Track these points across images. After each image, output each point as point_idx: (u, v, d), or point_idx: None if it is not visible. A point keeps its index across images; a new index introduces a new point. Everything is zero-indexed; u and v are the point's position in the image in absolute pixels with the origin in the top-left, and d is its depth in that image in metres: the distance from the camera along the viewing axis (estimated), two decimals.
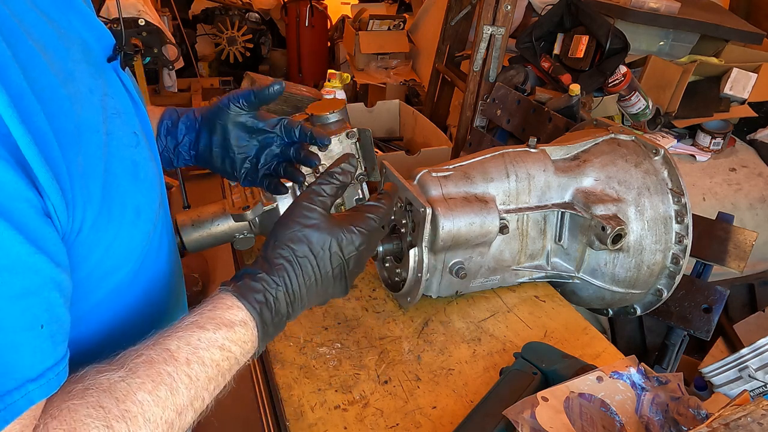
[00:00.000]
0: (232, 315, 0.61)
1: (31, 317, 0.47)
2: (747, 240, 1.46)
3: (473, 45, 2.13)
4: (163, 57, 3.44)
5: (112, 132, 0.59)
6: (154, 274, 0.71)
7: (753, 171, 2.12)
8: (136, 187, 0.62)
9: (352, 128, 1.17)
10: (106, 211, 0.57)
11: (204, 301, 0.63)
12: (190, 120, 0.91)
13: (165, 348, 0.56)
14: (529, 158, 1.12)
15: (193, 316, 0.60)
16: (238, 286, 0.64)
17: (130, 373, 0.53)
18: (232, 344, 0.60)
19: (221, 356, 0.59)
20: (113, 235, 0.59)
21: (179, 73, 4.12)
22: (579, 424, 0.75)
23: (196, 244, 1.16)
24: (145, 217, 0.64)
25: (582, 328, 1.09)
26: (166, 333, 0.58)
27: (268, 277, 0.65)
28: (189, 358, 0.57)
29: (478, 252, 1.09)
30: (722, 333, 1.86)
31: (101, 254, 0.58)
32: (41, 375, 0.48)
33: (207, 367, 0.58)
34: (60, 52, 0.55)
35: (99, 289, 0.61)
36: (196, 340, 0.58)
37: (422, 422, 0.89)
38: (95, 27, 0.64)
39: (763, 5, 2.65)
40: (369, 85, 3.91)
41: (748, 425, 0.66)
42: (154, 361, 0.55)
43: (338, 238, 0.69)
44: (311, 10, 4.51)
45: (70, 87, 0.54)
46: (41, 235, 0.48)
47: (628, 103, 1.95)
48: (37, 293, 0.47)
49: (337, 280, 0.72)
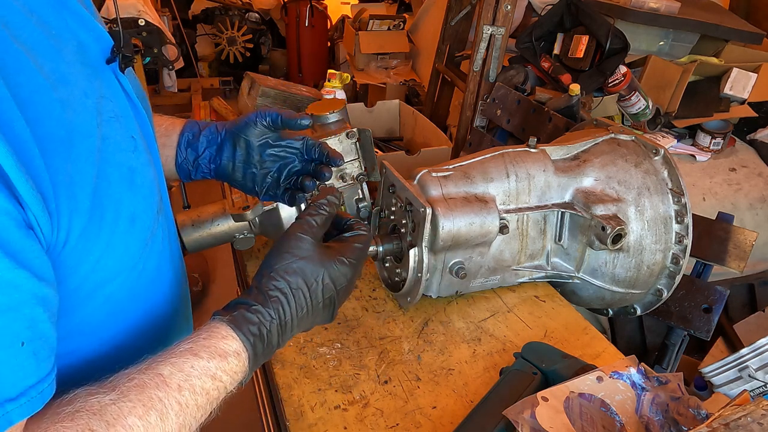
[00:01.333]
0: (227, 345, 0.61)
1: (10, 335, 0.46)
2: (747, 240, 1.46)
3: (473, 45, 2.13)
4: (163, 57, 3.44)
5: (108, 136, 0.58)
6: (154, 282, 0.70)
7: (753, 171, 2.12)
8: (131, 193, 0.61)
9: (352, 128, 1.17)
10: (96, 219, 0.55)
11: (198, 329, 0.63)
12: (212, 133, 0.90)
13: (158, 373, 0.56)
14: (529, 158, 1.12)
15: (187, 344, 0.60)
16: (234, 316, 0.64)
17: (121, 397, 0.52)
18: (224, 374, 0.60)
19: (212, 385, 0.59)
20: (105, 244, 0.57)
21: (179, 73, 4.12)
22: (579, 424, 0.75)
23: (196, 244, 1.16)
24: (141, 225, 0.63)
25: (582, 328, 1.09)
26: (159, 358, 0.58)
27: (263, 309, 0.65)
28: (181, 384, 0.56)
29: (478, 252, 1.09)
30: (722, 333, 1.86)
31: (92, 264, 0.57)
32: (22, 394, 0.47)
33: (197, 395, 0.57)
34: (50, 54, 0.54)
35: (92, 300, 0.60)
36: (189, 368, 0.57)
37: (422, 422, 0.89)
38: (92, 28, 0.62)
39: (763, 5, 2.65)
40: (369, 85, 3.91)
41: (748, 425, 0.66)
42: (146, 385, 0.54)
43: (330, 270, 0.70)
44: (311, 10, 4.51)
45: (61, 90, 0.53)
46: (22, 248, 0.46)
47: (628, 103, 1.95)
48: (16, 309, 0.46)
49: (326, 309, 0.72)
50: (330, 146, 0.91)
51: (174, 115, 3.15)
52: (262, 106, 1.62)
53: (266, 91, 1.62)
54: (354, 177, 1.18)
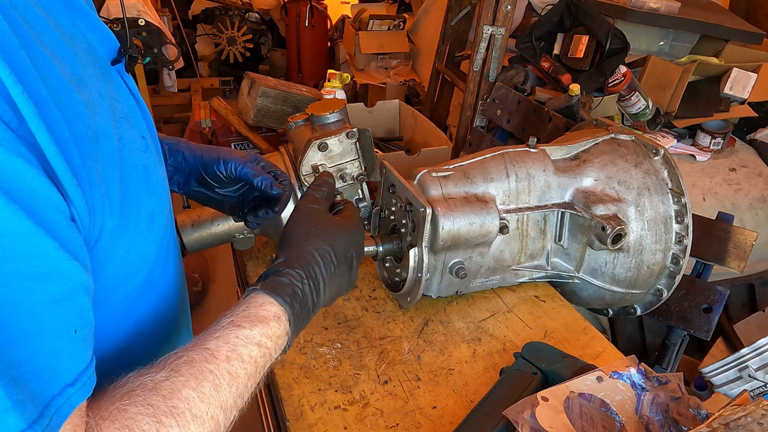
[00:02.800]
0: (266, 311, 0.63)
1: (66, 323, 0.47)
2: (747, 240, 1.46)
3: (473, 45, 2.13)
4: (163, 57, 3.44)
5: (123, 137, 0.59)
6: (163, 280, 0.71)
7: (753, 171, 2.12)
8: (148, 192, 0.62)
9: (352, 128, 1.17)
10: (124, 218, 0.57)
11: (236, 304, 0.65)
12: (180, 163, 0.91)
13: (204, 348, 0.58)
14: (529, 158, 1.12)
15: (228, 317, 0.62)
16: (267, 283, 0.66)
17: (173, 373, 0.54)
18: (268, 340, 0.62)
19: (259, 352, 0.61)
20: (130, 242, 0.59)
21: (179, 73, 4.12)
22: (579, 424, 0.75)
23: (196, 244, 1.16)
24: (159, 223, 0.64)
25: (582, 328, 1.09)
26: (203, 335, 0.60)
27: (293, 271, 0.68)
28: (229, 355, 0.58)
29: (478, 252, 1.09)
30: (722, 333, 1.86)
31: (119, 262, 0.58)
32: (77, 379, 0.48)
33: (246, 364, 0.59)
34: (69, 57, 0.54)
35: (114, 297, 0.61)
36: (234, 338, 0.59)
37: (422, 422, 0.89)
38: (99, 29, 0.63)
39: (763, 5, 2.65)
40: (369, 85, 3.91)
41: (748, 425, 0.66)
42: (195, 360, 0.56)
43: (346, 232, 0.76)
44: (311, 10, 4.51)
45: (83, 93, 0.54)
46: (71, 240, 0.48)
47: (628, 103, 1.95)
48: (70, 298, 0.47)
49: (348, 270, 0.77)
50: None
51: (174, 114, 3.18)
52: (262, 107, 1.62)
53: (266, 91, 1.62)
54: (354, 177, 1.18)
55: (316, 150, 1.15)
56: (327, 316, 1.10)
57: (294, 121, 1.26)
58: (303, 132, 1.23)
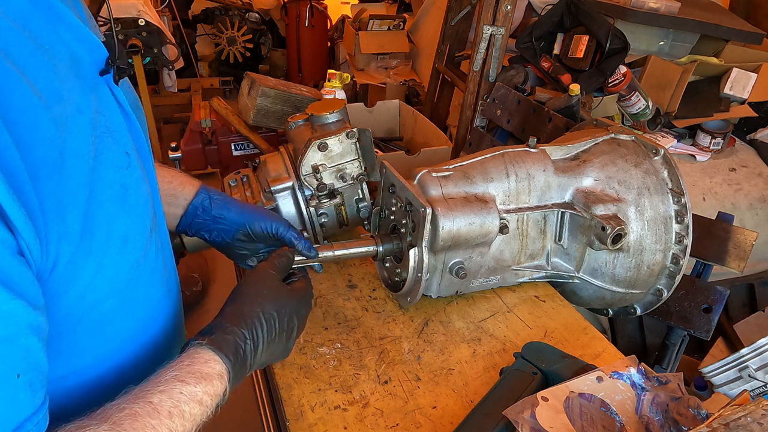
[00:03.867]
0: (210, 368, 0.62)
1: (7, 367, 0.45)
2: (747, 240, 1.46)
3: (473, 45, 2.13)
4: (163, 57, 3.44)
5: (101, 153, 0.56)
6: (147, 301, 0.69)
7: (753, 171, 2.12)
8: (124, 212, 0.59)
9: (352, 128, 1.17)
10: (86, 242, 0.54)
11: (178, 357, 0.63)
12: (208, 223, 0.94)
13: (148, 401, 0.56)
14: (529, 158, 1.12)
15: (171, 371, 0.60)
16: (213, 339, 0.65)
17: (115, 427, 0.52)
18: (209, 398, 0.61)
19: (199, 411, 0.60)
20: (95, 267, 0.57)
21: (179, 73, 4.12)
22: (579, 424, 0.75)
23: (196, 244, 1.16)
24: (134, 245, 0.62)
25: (582, 328, 1.09)
26: (147, 387, 0.58)
27: (238, 330, 0.68)
28: (171, 411, 0.57)
29: (478, 252, 1.09)
30: (722, 333, 1.86)
31: (82, 288, 0.56)
32: (19, 427, 0.46)
33: (186, 421, 0.58)
34: (44, 70, 0.51)
35: (83, 323, 0.59)
36: (178, 394, 0.58)
37: (422, 422, 0.89)
38: (86, 39, 0.60)
39: (763, 5, 2.65)
40: (369, 85, 3.91)
41: (748, 425, 0.66)
42: (137, 414, 0.54)
43: (295, 302, 0.79)
44: (311, 10, 4.51)
45: (55, 109, 0.51)
46: (16, 277, 0.45)
47: (628, 103, 1.95)
48: (13, 341, 0.45)
49: (288, 339, 0.78)
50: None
51: (174, 114, 3.16)
52: (262, 107, 1.62)
53: (266, 91, 1.62)
54: (354, 177, 1.18)
55: (316, 150, 1.15)
56: (327, 316, 1.10)
57: (294, 121, 1.26)
58: (303, 132, 1.23)
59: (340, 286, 1.19)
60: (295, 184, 1.18)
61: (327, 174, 1.17)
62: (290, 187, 1.18)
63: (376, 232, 1.19)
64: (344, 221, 1.24)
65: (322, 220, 1.20)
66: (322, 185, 1.16)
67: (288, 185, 1.18)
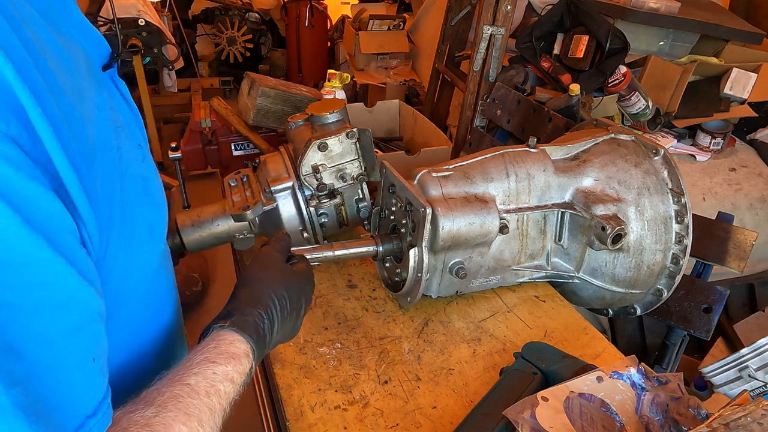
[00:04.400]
0: (236, 348, 0.64)
1: (84, 352, 0.47)
2: (747, 240, 1.46)
3: (473, 45, 2.13)
4: (163, 57, 3.44)
5: (121, 148, 0.57)
6: (164, 292, 0.72)
7: (753, 171, 2.12)
8: (147, 203, 0.61)
9: (352, 128, 1.17)
10: (125, 232, 0.56)
11: (202, 342, 0.65)
12: None
13: (185, 383, 0.58)
14: (529, 158, 1.12)
15: (201, 354, 0.62)
16: (233, 321, 0.67)
17: (161, 410, 0.54)
18: (239, 376, 0.63)
19: (231, 389, 0.62)
20: (133, 256, 0.58)
21: (179, 73, 4.12)
22: (579, 424, 0.75)
23: (196, 244, 1.16)
24: (158, 235, 0.64)
25: (582, 328, 1.09)
26: (180, 371, 0.60)
27: (255, 311, 0.70)
28: (208, 390, 0.59)
29: (478, 252, 1.09)
30: (722, 333, 1.86)
31: (122, 277, 0.58)
32: (97, 409, 0.48)
33: (222, 399, 0.60)
34: (70, 69, 0.52)
35: (120, 311, 0.60)
36: (212, 374, 0.60)
37: (422, 422, 0.89)
38: (92, 35, 0.61)
39: (763, 5, 2.65)
40: (369, 85, 3.91)
41: (748, 425, 0.66)
42: (178, 396, 0.56)
43: (300, 281, 0.82)
44: (311, 10, 4.51)
45: (81, 107, 0.52)
46: (85, 266, 0.47)
47: (628, 103, 1.95)
48: (87, 327, 0.47)
49: (297, 318, 0.81)
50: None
51: (174, 114, 3.16)
52: (262, 107, 1.62)
53: (266, 91, 1.62)
54: (354, 177, 1.18)
55: (316, 150, 1.15)
56: (327, 316, 1.10)
57: (294, 121, 1.26)
58: (303, 132, 1.23)
59: (340, 286, 1.19)
60: (295, 184, 1.18)
61: (327, 174, 1.17)
62: (290, 187, 1.18)
63: (376, 232, 1.19)
64: (344, 221, 1.24)
65: (322, 220, 1.20)
66: (322, 185, 1.16)
67: (288, 185, 1.18)
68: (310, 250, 1.01)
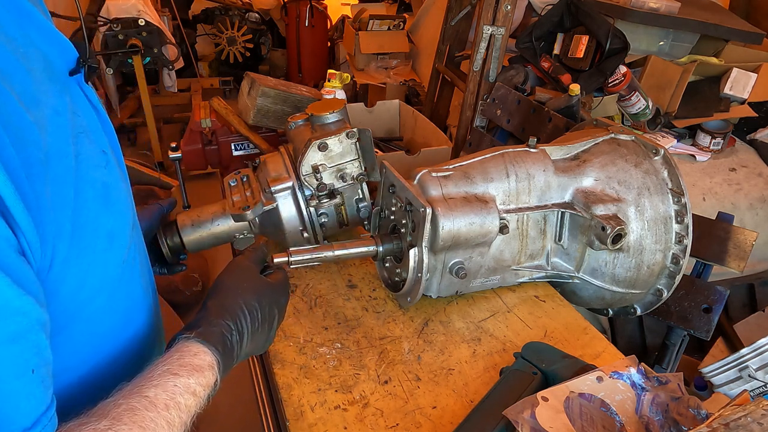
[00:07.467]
0: (201, 360, 0.63)
1: (22, 362, 0.45)
2: (747, 240, 1.46)
3: (473, 45, 2.13)
4: (163, 57, 3.44)
5: (81, 153, 0.56)
6: (131, 298, 0.70)
7: (753, 171, 2.12)
8: (107, 210, 0.60)
9: (352, 128, 1.17)
10: (77, 241, 0.55)
11: (167, 352, 0.64)
12: None
13: (143, 396, 0.56)
14: (529, 158, 1.12)
15: (162, 366, 0.61)
16: (200, 332, 0.66)
17: (115, 422, 0.52)
18: (202, 389, 0.61)
19: (193, 402, 0.60)
20: (86, 265, 0.57)
21: (179, 73, 4.12)
22: (579, 424, 0.75)
23: (196, 244, 1.16)
24: (119, 243, 0.62)
25: (582, 328, 1.09)
26: (140, 382, 0.58)
27: (224, 322, 0.69)
28: (167, 403, 0.57)
29: (478, 252, 1.09)
30: (722, 333, 1.86)
31: (75, 287, 0.57)
32: (37, 422, 0.47)
33: (182, 413, 0.58)
34: (21, 74, 0.51)
35: (75, 321, 0.60)
36: (173, 386, 0.58)
37: (422, 422, 0.89)
38: (56, 39, 0.60)
39: (763, 5, 2.65)
40: (369, 85, 3.91)
41: (748, 425, 0.66)
42: (135, 408, 0.55)
43: (274, 292, 0.80)
44: (311, 10, 4.51)
45: (35, 112, 0.51)
46: (24, 275, 0.46)
47: (628, 103, 1.95)
48: (25, 337, 0.46)
49: (269, 330, 0.79)
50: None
51: (174, 114, 3.17)
52: (262, 107, 1.63)
53: (266, 91, 1.62)
54: (354, 177, 1.18)
55: (316, 150, 1.15)
56: (327, 316, 1.10)
57: (294, 121, 1.26)
58: (303, 132, 1.23)
59: (340, 286, 1.19)
60: (295, 184, 1.18)
61: (327, 174, 1.17)
62: (290, 187, 1.18)
63: (376, 232, 1.19)
64: (344, 221, 1.24)
65: (322, 220, 1.20)
66: (322, 185, 1.16)
67: (288, 185, 1.18)
68: (310, 250, 1.01)
